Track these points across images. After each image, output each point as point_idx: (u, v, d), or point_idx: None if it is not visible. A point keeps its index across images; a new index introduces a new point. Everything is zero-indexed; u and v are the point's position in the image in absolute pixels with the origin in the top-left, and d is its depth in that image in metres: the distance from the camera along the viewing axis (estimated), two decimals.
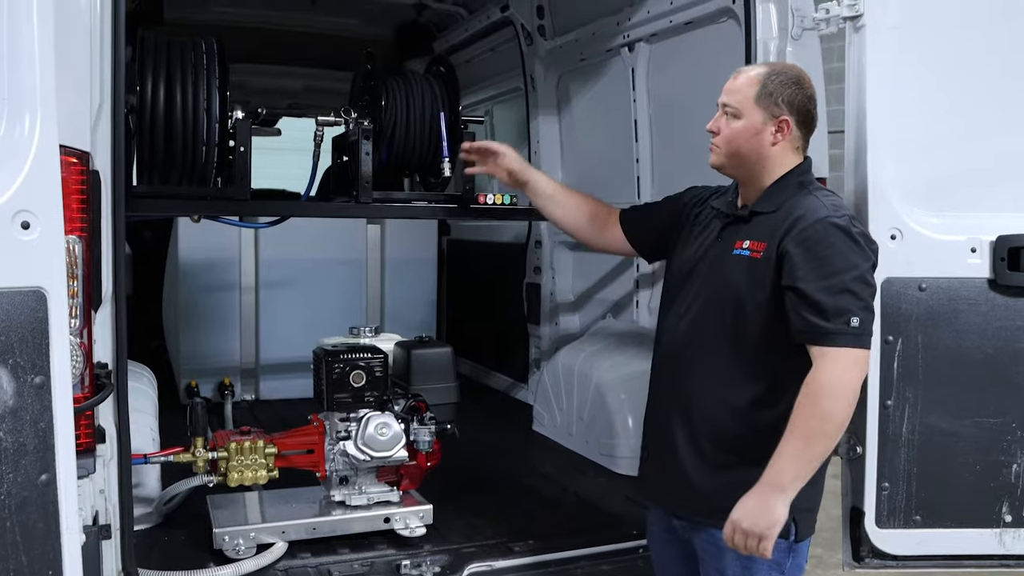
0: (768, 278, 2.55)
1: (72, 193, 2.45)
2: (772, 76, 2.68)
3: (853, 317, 2.41)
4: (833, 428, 2.45)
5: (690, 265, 2.83)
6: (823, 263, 2.46)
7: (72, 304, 2.47)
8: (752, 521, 2.44)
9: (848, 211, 2.61)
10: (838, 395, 2.42)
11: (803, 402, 2.42)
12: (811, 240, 2.49)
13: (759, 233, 2.63)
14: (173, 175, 3.61)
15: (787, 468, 2.43)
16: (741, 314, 2.61)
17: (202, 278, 6.14)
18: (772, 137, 2.66)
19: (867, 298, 2.46)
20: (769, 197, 2.68)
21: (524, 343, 6.31)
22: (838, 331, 2.42)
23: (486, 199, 3.93)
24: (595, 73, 5.52)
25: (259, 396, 6.31)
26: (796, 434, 2.43)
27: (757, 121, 2.66)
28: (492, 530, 3.75)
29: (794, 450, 2.43)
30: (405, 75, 4.17)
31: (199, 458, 3.53)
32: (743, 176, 2.77)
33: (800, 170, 2.71)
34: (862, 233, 2.54)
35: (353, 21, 6.76)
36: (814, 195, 2.62)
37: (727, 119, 2.73)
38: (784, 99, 2.64)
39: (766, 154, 2.68)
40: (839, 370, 2.42)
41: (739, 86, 2.71)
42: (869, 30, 3.06)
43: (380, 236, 6.72)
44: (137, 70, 3.48)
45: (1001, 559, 3.11)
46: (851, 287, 2.44)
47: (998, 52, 3.16)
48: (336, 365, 3.69)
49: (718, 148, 2.77)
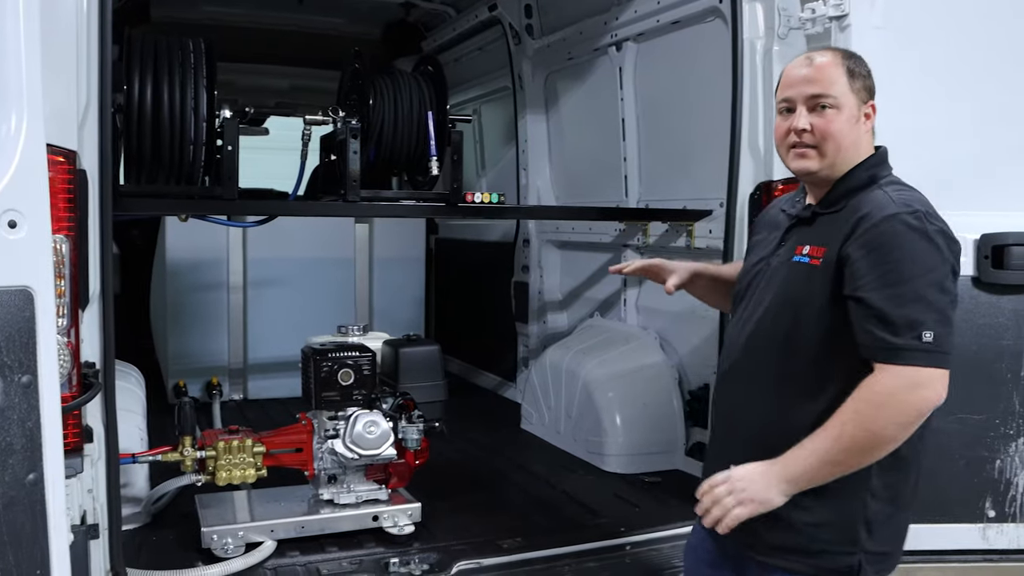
0: (828, 286, 2.25)
1: (59, 192, 2.46)
2: (850, 60, 2.37)
3: (925, 331, 2.09)
4: (875, 446, 2.16)
5: (752, 273, 2.56)
6: (890, 268, 2.14)
7: (59, 303, 2.47)
8: (745, 486, 2.24)
9: (924, 206, 2.22)
10: (894, 413, 2.12)
11: (855, 406, 2.14)
12: (876, 242, 2.17)
13: (820, 236, 2.34)
14: (160, 174, 3.62)
15: (803, 463, 2.20)
16: (798, 326, 2.32)
17: (190, 277, 6.13)
18: (865, 125, 2.37)
19: (944, 308, 2.13)
20: (833, 195, 2.38)
21: (512, 341, 6.32)
22: (907, 347, 2.10)
23: (474, 198, 3.94)
24: (583, 72, 5.54)
25: (247, 395, 6.30)
26: (831, 434, 2.16)
27: (855, 109, 2.34)
28: (480, 528, 3.75)
29: (822, 450, 2.17)
30: (393, 74, 4.18)
31: (187, 457, 3.52)
32: (828, 177, 2.40)
33: (870, 163, 2.38)
34: (941, 231, 2.19)
35: (341, 20, 6.76)
36: (883, 189, 2.30)
37: (819, 113, 2.34)
38: (867, 84, 2.37)
39: (860, 145, 2.37)
40: (903, 386, 2.11)
41: (826, 74, 2.35)
42: (855, 30, 3.08)
43: (368, 235, 6.72)
44: (124, 69, 3.47)
45: (984, 553, 3.14)
46: (924, 294, 2.11)
47: (983, 51, 3.19)
48: (324, 364, 3.70)
49: (815, 149, 2.36)
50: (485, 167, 7.11)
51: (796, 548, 2.32)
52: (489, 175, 7.04)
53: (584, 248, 5.73)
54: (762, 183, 3.61)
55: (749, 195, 3.65)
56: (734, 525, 2.26)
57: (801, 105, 2.36)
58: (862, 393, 2.14)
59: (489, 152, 7.04)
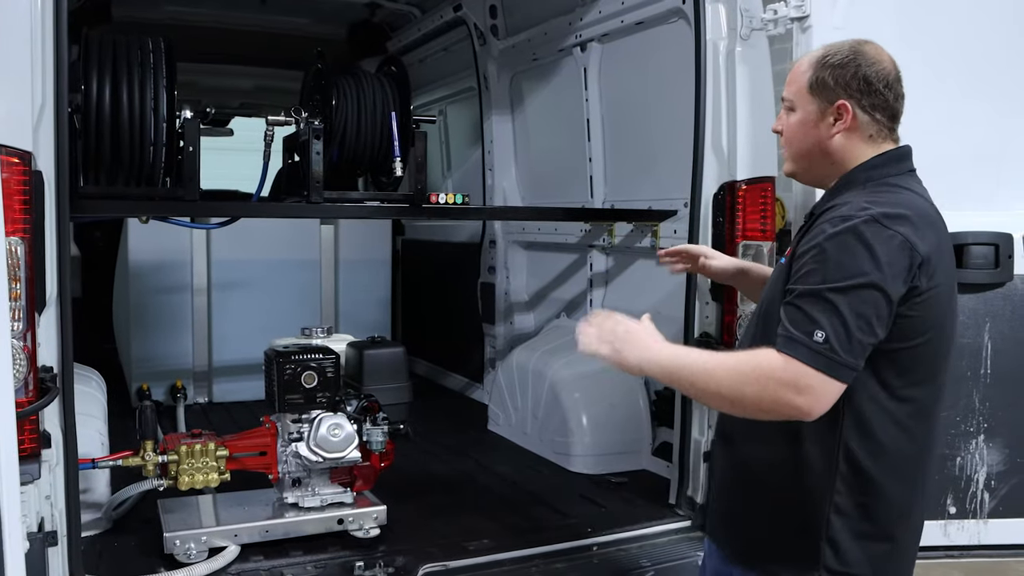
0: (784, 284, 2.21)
1: (13, 194, 2.43)
2: (828, 56, 2.27)
3: (819, 331, 2.01)
4: (727, 407, 2.15)
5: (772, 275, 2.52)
6: (815, 267, 2.08)
7: (14, 307, 2.45)
8: (620, 345, 2.27)
9: (885, 209, 2.09)
10: (764, 400, 2.05)
11: (740, 366, 2.09)
12: (814, 240, 2.11)
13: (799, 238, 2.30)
14: (120, 175, 3.58)
15: (669, 367, 2.19)
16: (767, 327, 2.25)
17: (153, 279, 6.06)
18: (831, 128, 2.26)
19: (848, 317, 2.01)
20: (828, 197, 2.31)
21: (479, 343, 6.32)
22: (799, 340, 2.02)
23: (439, 199, 3.93)
24: (548, 73, 5.55)
25: (212, 399, 6.24)
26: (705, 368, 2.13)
27: (812, 111, 2.28)
28: (447, 530, 3.74)
29: (689, 372, 2.15)
30: (356, 75, 4.17)
31: (149, 462, 3.48)
32: (817, 180, 2.39)
33: (868, 164, 2.26)
34: (887, 239, 2.04)
35: (305, 20, 6.72)
36: (865, 190, 2.20)
37: (786, 114, 2.36)
38: (840, 80, 2.23)
39: (828, 149, 2.28)
40: (787, 382, 2.02)
41: (795, 74, 2.33)
42: (816, 31, 3.12)
43: (334, 236, 6.68)
44: (82, 69, 3.43)
45: (946, 550, 3.18)
46: (832, 298, 2.02)
47: (944, 51, 3.23)
48: (287, 366, 3.67)
49: (785, 151, 2.40)
50: (451, 168, 7.10)
51: (759, 554, 2.33)
52: (455, 176, 7.02)
53: (550, 249, 5.73)
54: (726, 183, 3.64)
55: (713, 195, 3.67)
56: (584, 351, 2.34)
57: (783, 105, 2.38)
58: (754, 357, 2.09)
59: (455, 153, 7.03)
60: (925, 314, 2.12)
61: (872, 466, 2.17)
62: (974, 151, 3.27)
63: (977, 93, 3.27)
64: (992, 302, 3.17)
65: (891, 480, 2.20)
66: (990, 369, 3.15)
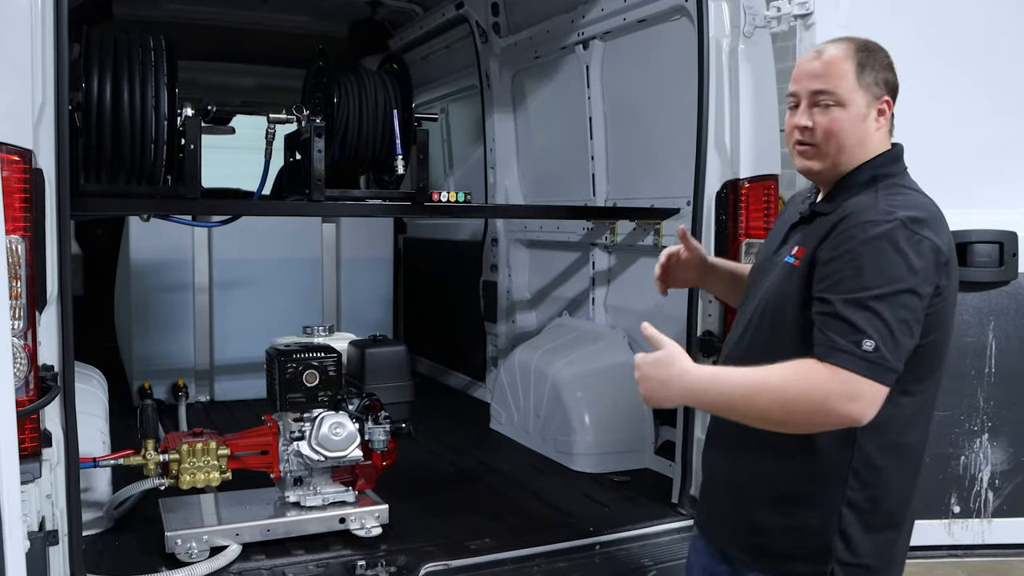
0: (802, 289, 2.21)
1: (14, 192, 2.42)
2: (862, 51, 2.26)
3: (867, 340, 2.02)
4: (778, 425, 2.14)
5: (760, 268, 2.53)
6: (852, 274, 2.08)
7: (15, 305, 2.44)
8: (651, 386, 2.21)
9: (909, 212, 2.13)
10: (816, 411, 2.06)
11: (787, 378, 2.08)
12: (845, 246, 2.11)
13: (808, 237, 2.28)
14: (121, 174, 3.57)
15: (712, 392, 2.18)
16: (775, 328, 2.30)
17: (155, 278, 6.05)
18: (876, 123, 2.27)
19: (892, 323, 2.04)
20: (834, 194, 2.31)
21: (481, 341, 6.31)
22: (847, 351, 2.03)
23: (440, 197, 3.91)
24: (550, 70, 5.53)
25: (214, 397, 6.24)
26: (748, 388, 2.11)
27: (862, 106, 2.25)
28: (448, 529, 3.73)
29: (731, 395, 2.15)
30: (358, 73, 4.16)
31: (150, 461, 3.47)
32: (836, 177, 2.33)
33: (877, 162, 2.29)
34: (917, 243, 2.09)
35: (306, 18, 6.72)
36: (878, 192, 2.22)
37: (822, 110, 2.26)
38: (882, 78, 2.26)
39: (867, 144, 2.28)
40: (838, 392, 2.03)
41: (832, 68, 2.25)
42: (819, 28, 3.10)
43: (336, 235, 6.67)
44: (83, 67, 3.42)
45: (950, 549, 3.17)
46: (873, 305, 2.04)
47: (948, 48, 3.21)
48: (289, 365, 3.66)
49: (815, 148, 2.29)
50: (453, 166, 7.09)
51: (769, 552, 2.34)
52: (457, 174, 7.02)
53: (552, 247, 5.72)
54: (728, 181, 3.62)
55: (716, 193, 3.66)
56: None
57: (805, 101, 2.29)
58: (799, 372, 2.07)
59: (457, 151, 7.02)
60: (940, 311, 2.17)
61: (883, 461, 2.22)
62: (979, 149, 3.26)
63: (982, 90, 3.26)
64: (997, 300, 3.16)
65: (900, 472, 2.27)
66: (994, 368, 3.14)
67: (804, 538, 2.28)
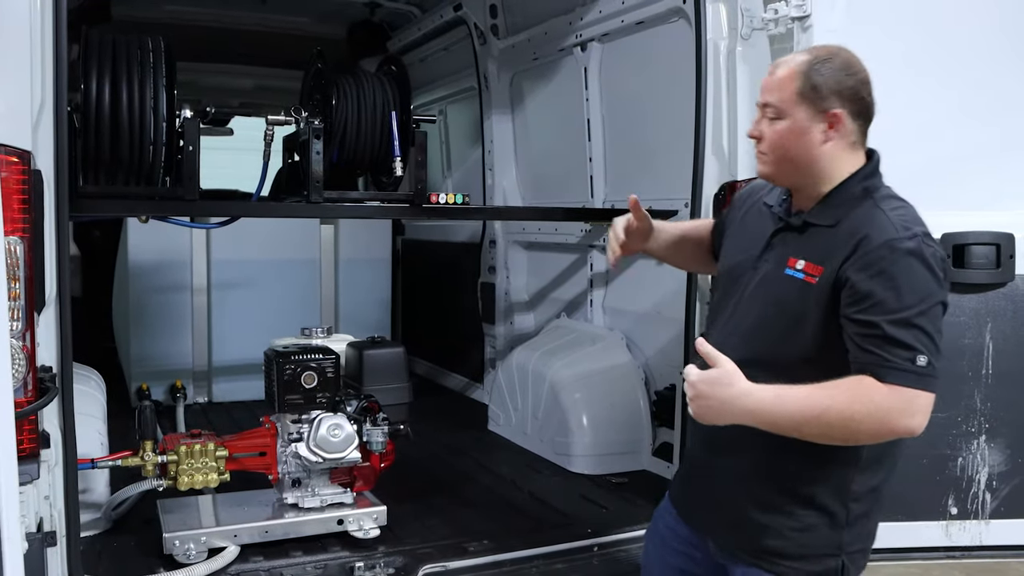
0: (824, 305, 2.25)
1: (12, 193, 2.42)
2: (816, 63, 2.30)
3: (920, 356, 2.12)
4: (841, 439, 2.19)
5: (739, 270, 2.53)
6: (893, 294, 2.15)
7: (13, 306, 2.44)
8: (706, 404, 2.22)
9: (920, 227, 2.23)
10: (878, 427, 2.14)
11: (851, 398, 2.13)
12: (878, 267, 2.17)
13: (815, 252, 2.31)
14: (120, 175, 3.56)
15: (771, 415, 2.19)
16: (786, 343, 2.33)
17: (153, 279, 6.05)
18: (823, 136, 2.31)
19: (935, 336, 2.15)
20: (826, 207, 2.34)
21: (479, 343, 6.31)
22: (903, 368, 2.12)
23: (439, 199, 3.92)
24: (548, 72, 5.54)
25: (212, 398, 6.24)
26: (813, 408, 2.14)
27: (802, 119, 2.30)
28: (447, 530, 3.74)
29: (795, 415, 2.17)
30: (356, 74, 4.16)
31: (148, 462, 3.47)
32: (797, 184, 2.41)
33: (863, 174, 2.35)
34: (936, 256, 2.20)
35: (305, 20, 6.72)
36: (880, 208, 2.27)
37: (769, 122, 2.37)
38: (832, 89, 2.28)
39: (816, 155, 2.32)
40: (898, 409, 2.12)
41: (779, 81, 2.34)
42: (817, 30, 3.10)
43: (334, 236, 6.67)
44: (82, 68, 3.42)
45: (947, 550, 3.18)
46: (920, 322, 2.13)
47: (945, 50, 3.22)
48: (287, 366, 3.66)
49: (764, 156, 2.41)
50: (451, 168, 7.09)
51: (782, 552, 2.37)
52: (455, 176, 7.02)
53: (550, 249, 5.73)
54: (726, 183, 3.62)
55: (713, 195, 3.66)
56: None
57: (759, 111, 2.40)
58: (861, 392, 2.13)
59: (455, 153, 7.02)
60: None
61: (883, 453, 2.33)
62: (975, 151, 3.26)
63: (978, 92, 3.26)
64: (993, 302, 3.16)
65: (892, 461, 2.39)
66: (991, 369, 3.14)
67: (818, 535, 2.34)
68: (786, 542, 2.36)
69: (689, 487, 2.69)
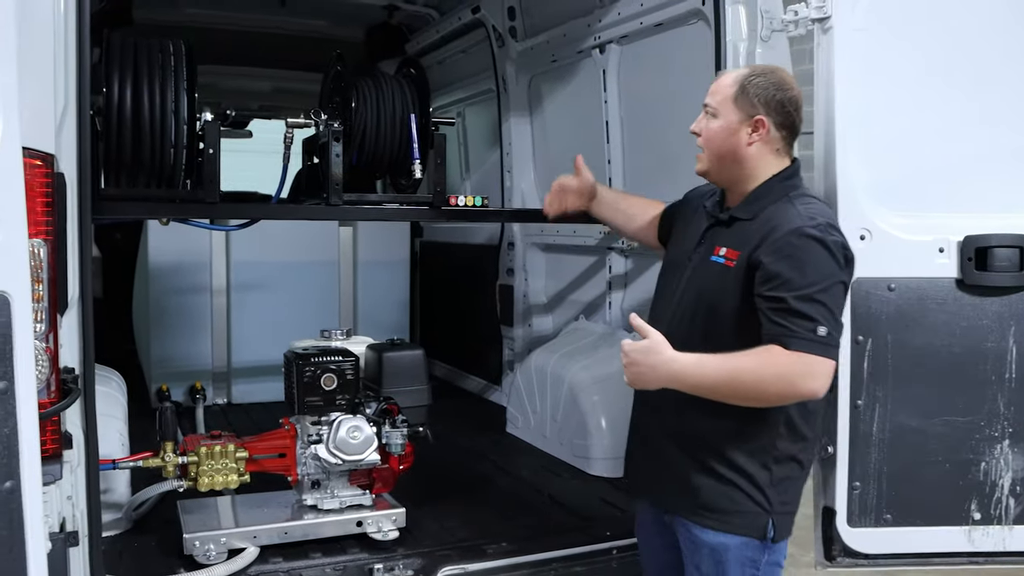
0: (739, 287, 2.59)
1: (36, 196, 2.43)
2: (752, 76, 2.70)
3: (820, 326, 2.43)
4: (751, 400, 2.52)
5: (675, 264, 2.91)
6: (796, 273, 2.48)
7: (37, 308, 2.45)
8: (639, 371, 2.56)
9: (826, 219, 2.59)
10: (783, 388, 2.47)
11: (758, 363, 2.45)
12: (784, 251, 2.51)
13: (735, 241, 2.66)
14: (141, 177, 3.58)
15: (694, 379, 2.52)
16: (713, 320, 2.66)
17: (173, 280, 6.08)
18: (748, 137, 2.68)
19: (835, 310, 2.48)
20: (749, 203, 2.71)
21: (497, 345, 6.30)
22: (806, 337, 2.43)
23: (457, 201, 3.92)
24: (566, 75, 5.53)
25: (231, 400, 6.27)
26: (727, 371, 2.48)
27: (733, 120, 2.69)
28: (465, 533, 3.74)
29: (714, 379, 2.49)
30: (375, 76, 4.16)
31: (168, 463, 3.49)
32: (726, 181, 2.80)
33: (783, 175, 2.72)
34: (837, 243, 2.54)
35: (323, 22, 6.74)
36: (793, 204, 2.63)
37: (707, 119, 2.76)
38: (761, 99, 2.66)
39: (743, 155, 2.70)
40: (799, 371, 2.44)
41: (719, 86, 2.75)
42: (837, 32, 3.08)
43: (353, 238, 6.69)
44: (104, 71, 3.44)
45: (970, 556, 3.15)
46: (820, 298, 2.45)
47: (966, 52, 3.19)
48: (307, 368, 3.67)
49: (701, 153, 2.80)
50: (470, 170, 7.09)
51: (715, 508, 2.67)
52: (474, 178, 7.02)
53: (569, 251, 5.72)
54: None
55: None
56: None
57: (703, 110, 2.79)
58: (769, 358, 2.44)
59: (473, 155, 7.02)
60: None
61: (803, 424, 2.67)
62: (997, 152, 3.23)
63: (1001, 93, 3.23)
64: (1016, 305, 3.13)
65: (811, 432, 2.73)
66: (1015, 373, 3.10)
67: (745, 493, 2.64)
68: (718, 499, 2.66)
69: (631, 461, 3.06)
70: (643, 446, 2.96)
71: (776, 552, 2.71)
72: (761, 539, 2.65)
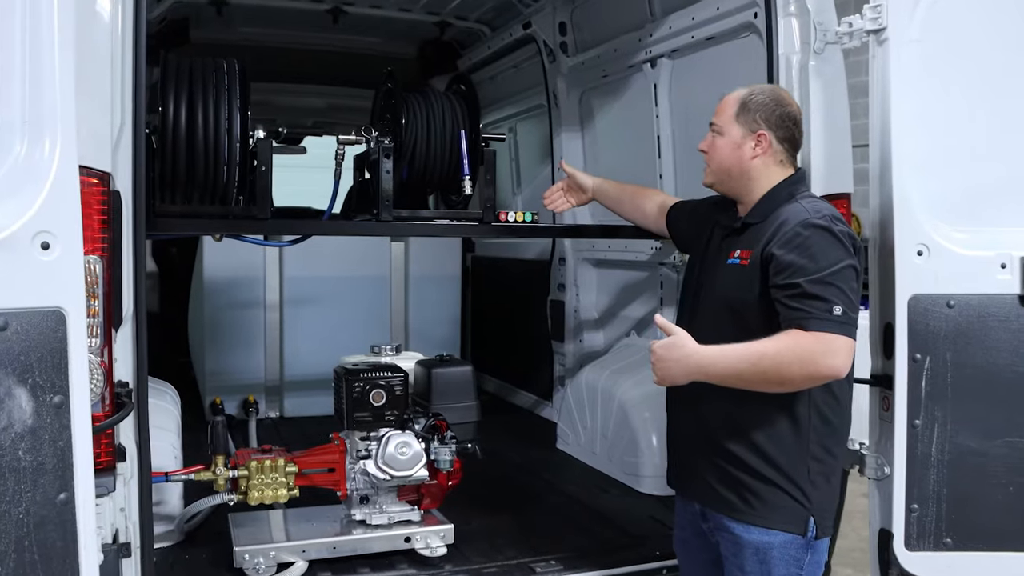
0: (756, 282, 2.71)
1: (93, 213, 2.47)
2: (753, 95, 2.89)
3: (835, 306, 2.54)
4: (777, 385, 2.60)
5: (695, 274, 3.07)
6: (808, 260, 2.60)
7: (92, 323, 2.49)
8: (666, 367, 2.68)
9: (830, 212, 2.72)
10: (807, 369, 2.54)
11: (780, 347, 2.55)
12: (793, 241, 2.64)
13: (747, 242, 2.82)
14: (195, 194, 3.63)
15: (720, 370, 2.62)
16: (737, 319, 2.76)
17: (227, 295, 6.17)
18: (752, 151, 2.85)
19: (848, 291, 2.58)
20: (759, 208, 2.86)
21: (548, 360, 6.28)
22: (823, 317, 2.54)
23: (507, 216, 3.92)
24: (617, 89, 5.51)
25: (284, 413, 6.33)
26: (751, 358, 2.57)
27: (737, 136, 2.87)
28: (514, 550, 3.72)
29: (739, 367, 2.59)
30: (425, 93, 4.18)
31: (220, 476, 3.53)
32: (733, 191, 2.96)
33: (789, 181, 2.88)
34: (844, 231, 2.66)
35: (376, 39, 6.79)
36: (799, 202, 2.79)
37: (713, 136, 2.95)
38: (762, 115, 2.85)
39: (747, 167, 2.87)
40: (820, 351, 2.53)
41: (723, 107, 2.94)
42: (892, 43, 3.03)
43: (404, 254, 6.73)
44: (160, 90, 3.50)
45: None
46: (832, 280, 2.57)
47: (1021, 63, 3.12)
48: (356, 384, 3.69)
49: (708, 167, 2.99)
50: (521, 185, 7.09)
51: (755, 504, 2.72)
52: (525, 193, 7.02)
53: (620, 266, 5.69)
54: None
55: None
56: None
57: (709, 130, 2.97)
58: (789, 341, 2.55)
59: (525, 170, 7.03)
60: None
61: (833, 415, 2.75)
62: None
63: None
64: None
65: (841, 422, 2.81)
66: None
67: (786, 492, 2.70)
68: (758, 498, 2.71)
69: (672, 459, 3.11)
70: (680, 445, 3.05)
71: (818, 551, 2.77)
72: (803, 535, 2.70)
